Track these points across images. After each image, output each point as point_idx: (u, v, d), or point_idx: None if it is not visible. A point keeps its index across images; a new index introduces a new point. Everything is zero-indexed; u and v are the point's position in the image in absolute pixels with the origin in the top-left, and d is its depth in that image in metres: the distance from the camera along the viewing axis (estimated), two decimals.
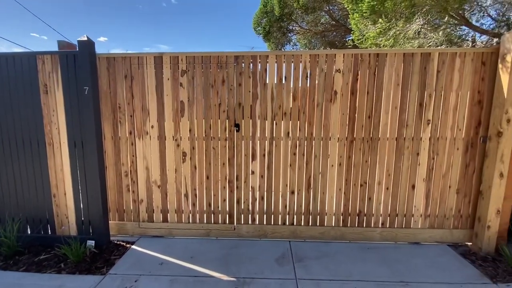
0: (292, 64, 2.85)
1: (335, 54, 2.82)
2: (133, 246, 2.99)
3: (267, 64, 2.85)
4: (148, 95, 2.96)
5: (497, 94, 2.69)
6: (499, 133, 2.66)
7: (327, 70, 2.83)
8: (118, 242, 3.07)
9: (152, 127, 3.00)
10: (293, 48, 12.34)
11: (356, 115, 2.88)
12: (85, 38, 2.74)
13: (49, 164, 2.94)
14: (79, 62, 2.77)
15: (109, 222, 3.12)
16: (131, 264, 2.66)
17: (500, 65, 2.66)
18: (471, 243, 3.01)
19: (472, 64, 2.77)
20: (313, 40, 11.71)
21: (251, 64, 2.87)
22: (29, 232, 3.07)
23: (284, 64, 2.85)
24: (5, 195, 2.99)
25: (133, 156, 3.05)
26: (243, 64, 2.87)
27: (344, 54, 2.81)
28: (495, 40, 4.31)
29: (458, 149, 2.89)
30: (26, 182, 2.98)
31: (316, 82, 2.85)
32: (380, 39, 4.18)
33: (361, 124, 2.89)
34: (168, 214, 3.15)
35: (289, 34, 11.29)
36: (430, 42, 4.77)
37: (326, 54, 2.82)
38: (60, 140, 2.90)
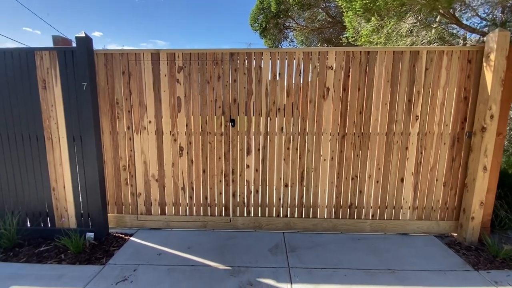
0: (286, 61, 2.93)
1: (328, 52, 2.91)
2: (132, 238, 3.08)
3: (262, 61, 2.93)
4: (146, 91, 3.02)
5: (482, 91, 2.81)
6: (483, 129, 2.78)
7: (319, 67, 2.93)
8: (116, 234, 3.16)
9: (150, 122, 3.07)
10: (290, 45, 12.39)
11: (347, 111, 2.98)
12: (83, 35, 2.79)
13: (48, 158, 3.00)
14: (77, 58, 2.82)
15: (108, 215, 3.20)
16: (130, 255, 2.75)
17: (484, 64, 2.78)
18: (456, 234, 3.15)
19: (458, 62, 2.88)
20: (309, 37, 11.76)
21: (246, 61, 2.95)
22: (28, 225, 3.14)
23: (278, 61, 2.93)
24: (4, 189, 3.05)
25: (131, 150, 3.13)
26: (238, 61, 2.95)
27: (336, 52, 2.90)
28: (483, 38, 4.43)
29: (445, 143, 3.01)
30: (25, 176, 3.04)
31: (309, 78, 2.94)
32: (374, 37, 4.27)
33: (353, 119, 2.99)
34: (166, 207, 3.24)
35: (286, 31, 11.33)
36: (422, 40, 4.87)
37: (319, 52, 2.91)
38: (59, 134, 2.96)
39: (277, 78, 2.96)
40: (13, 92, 2.91)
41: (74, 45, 2.91)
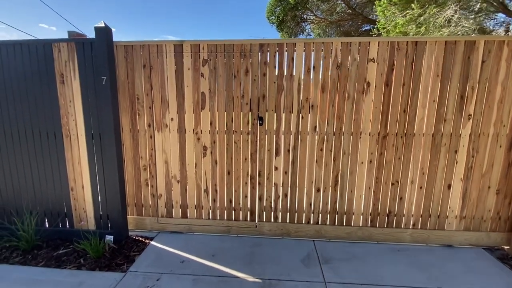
0: (322, 52, 2.64)
1: (369, 42, 2.60)
2: (152, 242, 2.90)
3: (295, 52, 2.66)
4: (168, 85, 2.81)
5: None
6: None
7: (360, 60, 2.62)
8: (136, 238, 3.00)
9: (172, 119, 2.86)
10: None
11: (390, 108, 2.67)
12: (103, 25, 2.59)
13: (66, 156, 2.85)
14: (96, 50, 2.63)
15: (128, 216, 3.04)
16: (152, 261, 2.57)
17: None
18: (508, 247, 2.81)
19: None
20: (327, 30, 11.30)
21: (277, 53, 2.68)
22: (47, 226, 3.02)
23: (313, 53, 2.65)
24: (22, 188, 2.93)
25: (152, 149, 2.94)
26: (268, 53, 2.68)
27: (379, 42, 2.59)
28: None
29: (500, 146, 2.66)
30: (43, 175, 2.90)
31: (348, 72, 2.64)
32: (410, 26, 3.89)
33: (395, 118, 2.68)
34: (188, 210, 3.05)
35: (303, 24, 10.92)
36: (461, 30, 4.45)
37: (359, 42, 2.60)
38: (77, 132, 2.80)
39: (311, 72, 2.68)
40: (30, 86, 2.76)
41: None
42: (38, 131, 2.83)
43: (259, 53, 2.68)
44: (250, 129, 2.83)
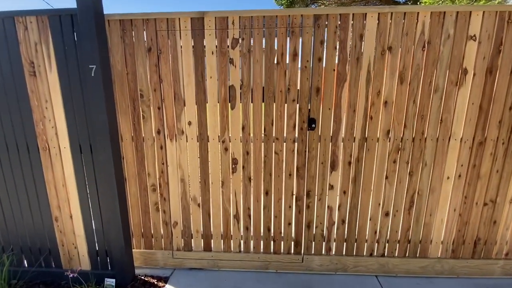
0: (403, 27, 1.88)
1: (471, 12, 1.84)
2: (168, 286, 2.20)
3: (364, 28, 1.89)
4: (183, 77, 2.03)
5: None
6: None
7: (455, 37, 1.87)
8: (146, 278, 2.29)
9: (190, 123, 2.10)
10: None
11: (491, 105, 1.96)
12: None
13: (46, 177, 2.09)
14: (80, 26, 1.81)
15: (133, 250, 2.32)
16: None
17: None
18: None
19: None
20: None
21: (338, 29, 1.91)
22: (26, 265, 2.29)
23: (390, 27, 1.89)
24: None
25: (163, 164, 2.18)
26: (326, 29, 1.91)
27: (484, 12, 1.84)
28: None
29: None
30: (16, 202, 2.14)
31: (438, 55, 1.90)
32: None
33: (497, 118, 1.97)
34: (212, 241, 2.34)
35: (312, 6, 9.97)
36: None
37: (457, 12, 1.85)
38: (59, 143, 2.02)
39: (387, 55, 1.92)
40: None
41: None
42: (4, 143, 2.04)
43: (313, 29, 1.91)
44: (297, 135, 2.09)
